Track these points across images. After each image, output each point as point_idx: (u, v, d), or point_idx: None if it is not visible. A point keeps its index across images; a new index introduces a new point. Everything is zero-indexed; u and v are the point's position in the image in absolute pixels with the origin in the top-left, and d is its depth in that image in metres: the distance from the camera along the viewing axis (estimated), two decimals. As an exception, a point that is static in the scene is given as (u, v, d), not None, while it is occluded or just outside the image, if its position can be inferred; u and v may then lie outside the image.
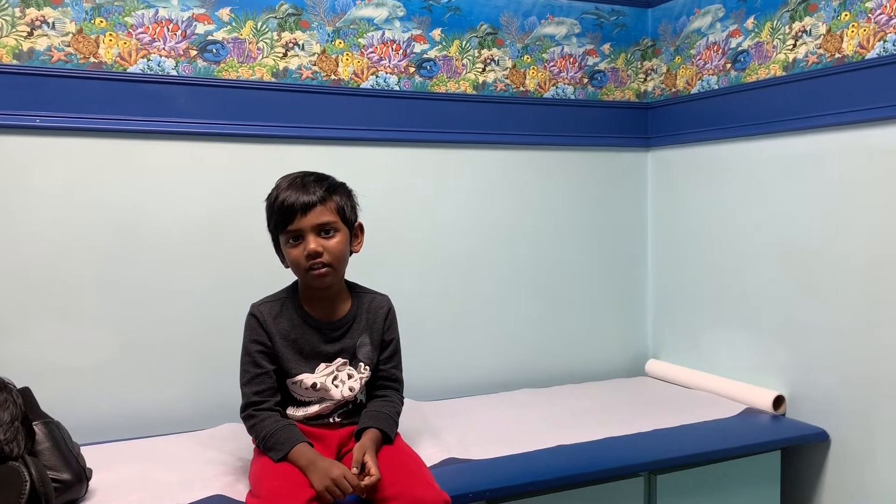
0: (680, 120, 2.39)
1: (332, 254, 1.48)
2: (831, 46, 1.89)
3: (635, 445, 1.79)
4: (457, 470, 1.61)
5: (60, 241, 1.84)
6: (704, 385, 2.22)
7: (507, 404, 2.12)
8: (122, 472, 1.57)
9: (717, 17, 2.24)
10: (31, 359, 1.80)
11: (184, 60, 1.93)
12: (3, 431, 1.29)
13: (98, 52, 1.85)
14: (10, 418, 1.31)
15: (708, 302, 2.30)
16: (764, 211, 2.08)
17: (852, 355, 1.85)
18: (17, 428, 1.32)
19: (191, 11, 1.93)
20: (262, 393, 1.50)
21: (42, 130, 1.81)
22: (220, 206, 1.99)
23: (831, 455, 1.91)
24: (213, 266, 1.99)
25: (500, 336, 2.34)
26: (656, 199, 2.51)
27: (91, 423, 1.82)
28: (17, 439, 1.30)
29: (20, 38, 1.78)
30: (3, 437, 1.28)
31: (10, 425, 1.30)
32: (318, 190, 1.48)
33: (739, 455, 1.82)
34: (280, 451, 1.43)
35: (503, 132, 2.31)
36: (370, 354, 1.59)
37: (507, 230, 2.34)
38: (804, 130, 1.96)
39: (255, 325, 1.53)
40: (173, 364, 1.96)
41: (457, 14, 2.23)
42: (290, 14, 2.03)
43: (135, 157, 1.91)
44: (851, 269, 1.84)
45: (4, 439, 1.28)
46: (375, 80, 2.14)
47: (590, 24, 2.42)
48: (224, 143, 1.99)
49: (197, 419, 1.93)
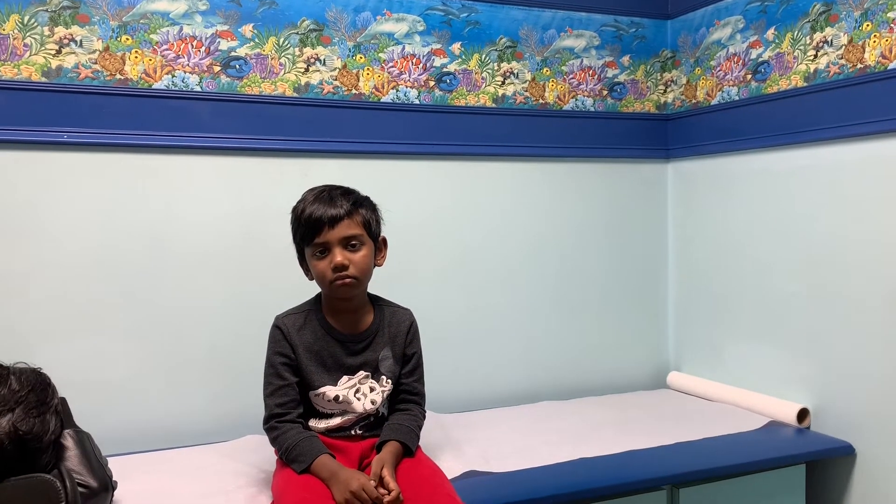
0: (700, 131, 2.38)
1: (358, 267, 1.50)
2: (853, 57, 1.88)
3: (658, 458, 1.78)
4: (478, 483, 1.61)
5: (86, 255, 1.87)
6: (727, 397, 2.21)
7: (529, 417, 2.12)
8: (145, 484, 1.59)
9: (737, 29, 2.23)
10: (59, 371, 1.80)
11: (207, 76, 1.96)
12: (26, 409, 1.30)
13: (124, 68, 1.89)
14: (40, 401, 1.34)
15: (730, 314, 2.28)
16: (786, 222, 2.06)
17: (878, 367, 1.83)
18: (44, 411, 1.33)
19: (214, 28, 1.96)
20: (285, 405, 1.51)
21: (70, 146, 1.85)
22: (243, 220, 2.02)
23: (857, 469, 1.88)
24: (237, 279, 2.01)
25: (521, 348, 2.34)
26: (677, 211, 2.51)
27: (116, 434, 1.84)
28: (42, 418, 1.32)
29: (49, 55, 1.82)
30: (23, 413, 1.29)
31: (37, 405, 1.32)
32: (345, 203, 1.49)
33: (763, 469, 1.80)
34: (303, 462, 1.44)
35: (523, 145, 2.31)
36: (392, 368, 1.60)
37: (527, 242, 2.34)
38: (826, 141, 1.94)
39: (280, 336, 1.55)
40: (197, 376, 1.98)
41: (476, 28, 2.24)
42: (311, 30, 2.06)
43: (160, 171, 1.94)
44: (876, 280, 1.82)
45: (25, 414, 1.29)
46: (396, 94, 2.16)
47: (609, 36, 2.43)
48: (247, 157, 2.01)
49: (220, 431, 1.94)
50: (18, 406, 1.30)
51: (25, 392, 1.33)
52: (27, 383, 1.35)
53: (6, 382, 1.33)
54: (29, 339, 1.82)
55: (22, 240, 1.82)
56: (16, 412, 1.29)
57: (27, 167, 1.82)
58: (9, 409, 1.29)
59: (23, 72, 1.80)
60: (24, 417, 1.29)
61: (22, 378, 1.35)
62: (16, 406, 1.30)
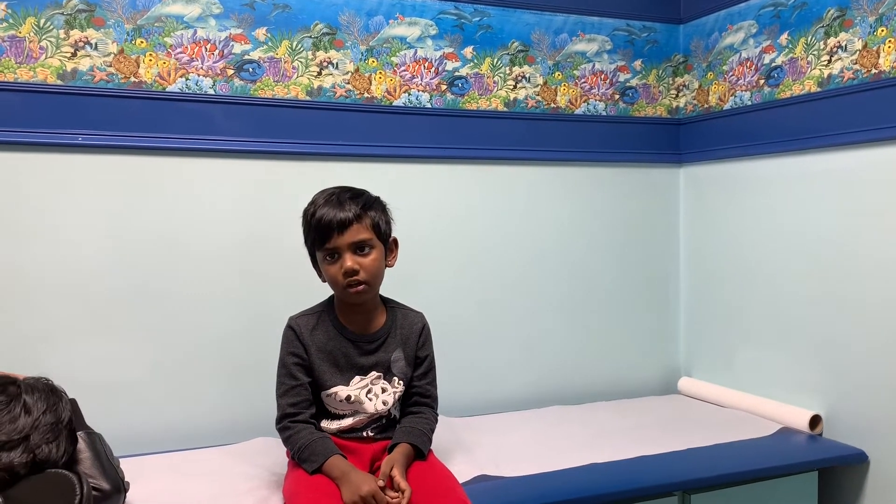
0: (712, 136, 2.38)
1: (368, 271, 1.50)
2: (867, 62, 1.87)
3: (669, 464, 1.77)
4: (488, 487, 1.61)
5: (101, 257, 1.88)
6: (739, 404, 2.20)
7: (539, 421, 2.11)
8: (156, 485, 1.59)
9: (749, 34, 2.23)
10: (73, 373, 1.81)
11: (221, 79, 1.97)
12: (43, 433, 1.30)
13: (138, 71, 1.90)
14: (55, 420, 1.33)
15: (742, 319, 2.27)
16: (798, 227, 2.06)
17: (891, 374, 1.81)
18: (59, 431, 1.33)
19: (228, 31, 1.97)
20: (298, 405, 1.52)
21: (84, 148, 1.86)
22: (256, 223, 2.02)
23: (870, 477, 1.87)
24: (249, 281, 2.02)
25: (532, 352, 2.34)
26: (688, 216, 2.50)
27: (127, 435, 1.84)
28: (57, 441, 1.32)
29: (64, 58, 1.83)
30: (40, 438, 1.29)
31: (52, 427, 1.32)
32: (354, 207, 1.50)
33: (775, 475, 1.79)
34: (314, 462, 1.44)
35: (534, 149, 2.31)
36: (404, 369, 1.60)
37: (538, 246, 2.34)
38: (839, 147, 1.94)
39: (293, 337, 1.55)
40: (208, 378, 1.98)
41: (488, 32, 2.25)
42: (324, 33, 2.06)
43: (173, 174, 1.95)
44: (889, 286, 1.81)
45: (43, 440, 1.29)
46: (408, 98, 2.16)
47: (621, 40, 2.42)
48: (260, 160, 2.02)
49: (230, 433, 1.95)
50: (35, 431, 1.28)
51: (40, 414, 1.31)
52: (41, 402, 1.33)
53: (20, 401, 1.31)
54: (43, 339, 1.83)
55: (37, 241, 1.83)
56: (31, 438, 1.27)
57: (42, 169, 1.83)
58: (24, 437, 1.27)
59: (38, 74, 1.81)
60: (40, 444, 1.28)
61: (35, 395, 1.33)
62: (32, 432, 1.28)
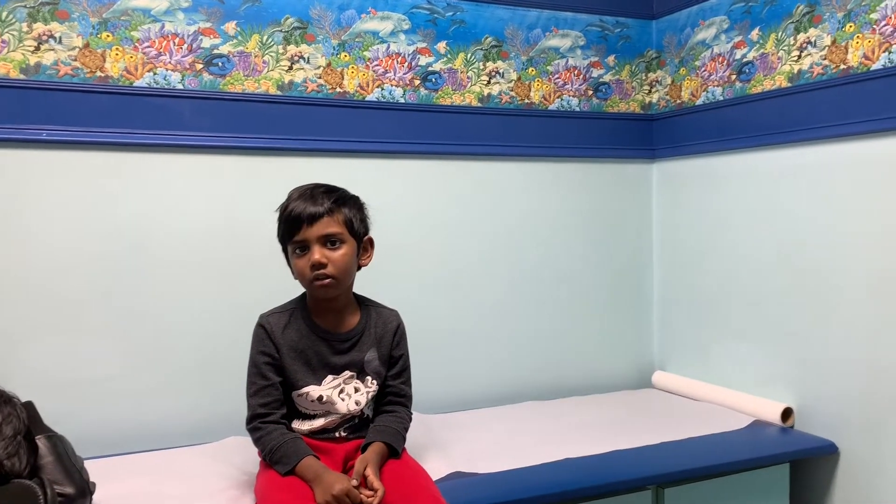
0: (685, 131, 2.39)
1: (337, 266, 1.48)
2: (836, 58, 1.89)
3: (642, 458, 1.78)
4: (463, 484, 1.61)
5: (67, 254, 1.84)
6: (712, 397, 2.21)
7: (513, 417, 2.11)
8: (127, 486, 1.56)
9: (721, 29, 2.24)
10: (36, 371, 1.80)
11: (190, 74, 1.94)
12: (5, 447, 1.28)
13: (104, 66, 1.86)
14: (13, 433, 1.30)
15: (714, 313, 2.29)
16: (770, 222, 2.07)
17: (862, 367, 1.84)
18: (19, 443, 1.31)
19: (197, 25, 1.94)
20: (269, 405, 1.49)
21: (49, 144, 1.82)
22: (225, 219, 1.99)
23: (840, 468, 1.89)
24: (219, 278, 1.99)
25: (505, 348, 2.34)
26: (661, 211, 2.51)
27: (96, 436, 1.82)
28: (18, 454, 1.29)
29: (27, 52, 1.79)
30: (3, 452, 1.27)
31: (12, 440, 1.29)
32: (326, 201, 1.48)
33: (748, 468, 1.81)
34: (287, 464, 1.42)
35: (508, 144, 2.31)
36: (378, 369, 1.58)
37: (512, 242, 2.34)
38: (810, 141, 1.95)
39: (264, 335, 1.53)
40: (179, 377, 1.95)
41: (462, 27, 2.23)
42: (295, 27, 2.04)
43: (141, 170, 1.91)
44: (859, 280, 1.84)
45: (5, 454, 1.27)
46: (381, 93, 2.14)
47: (594, 36, 2.43)
48: (230, 156, 1.99)
49: (202, 432, 1.92)
50: None
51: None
52: None
53: None
54: (6, 337, 1.79)
55: (1, 239, 1.79)
56: None
57: (5, 165, 1.79)
58: None
59: (1, 69, 1.77)
60: (2, 460, 1.25)
61: None
62: None
